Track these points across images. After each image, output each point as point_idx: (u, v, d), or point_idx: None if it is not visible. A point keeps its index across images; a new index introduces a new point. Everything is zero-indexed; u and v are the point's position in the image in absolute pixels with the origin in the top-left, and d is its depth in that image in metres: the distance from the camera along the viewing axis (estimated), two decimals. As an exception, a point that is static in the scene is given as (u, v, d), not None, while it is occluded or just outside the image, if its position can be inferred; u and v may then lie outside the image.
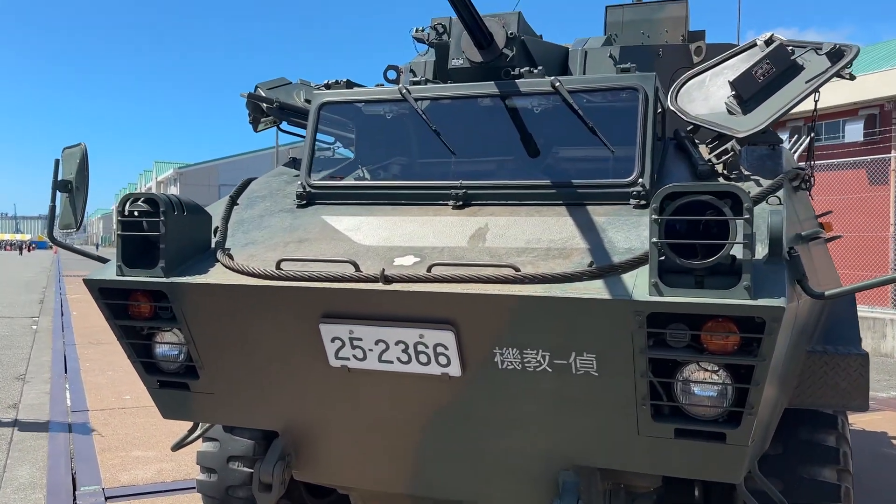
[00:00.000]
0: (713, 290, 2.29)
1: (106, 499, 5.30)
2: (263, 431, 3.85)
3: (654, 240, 2.32)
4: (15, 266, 44.72)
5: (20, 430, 6.95)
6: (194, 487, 4.20)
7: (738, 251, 2.29)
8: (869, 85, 17.65)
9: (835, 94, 21.75)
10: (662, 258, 2.35)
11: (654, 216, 2.32)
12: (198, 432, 3.73)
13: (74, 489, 5.45)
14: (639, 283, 2.42)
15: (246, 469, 3.89)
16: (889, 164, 14.19)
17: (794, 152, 5.59)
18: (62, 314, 16.69)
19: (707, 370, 2.44)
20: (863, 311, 13.05)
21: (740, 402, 2.42)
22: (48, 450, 6.34)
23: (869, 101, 18.61)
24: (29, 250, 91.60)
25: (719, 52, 3.50)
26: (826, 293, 2.45)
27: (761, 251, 2.45)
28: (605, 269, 2.50)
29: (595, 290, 2.45)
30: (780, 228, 2.39)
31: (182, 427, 3.79)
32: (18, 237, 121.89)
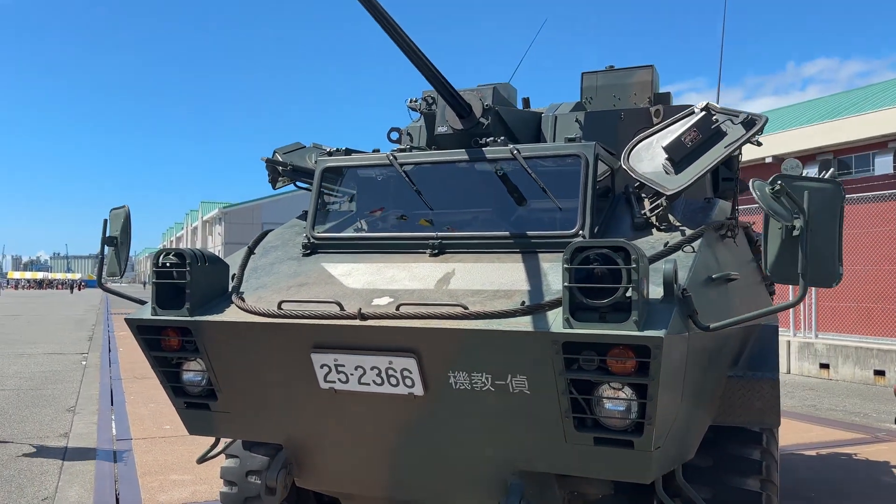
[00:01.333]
0: (611, 324, 2.81)
1: (146, 517, 5.80)
2: (277, 448, 4.39)
3: (566, 284, 2.86)
4: (67, 304, 46.28)
5: (70, 456, 7.50)
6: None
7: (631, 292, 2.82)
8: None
9: (865, 127, 21.92)
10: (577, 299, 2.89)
11: (565, 265, 2.87)
12: (219, 447, 4.30)
13: (118, 508, 5.98)
14: (558, 319, 2.93)
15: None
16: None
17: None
18: (109, 350, 17.34)
19: (615, 389, 2.94)
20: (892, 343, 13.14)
21: (644, 416, 2.93)
22: (95, 473, 6.87)
23: (898, 135, 18.78)
24: (80, 289, 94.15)
25: (675, 114, 4.01)
26: (711, 326, 2.96)
27: (659, 292, 2.97)
28: (534, 307, 3.03)
29: (523, 324, 2.97)
30: (671, 274, 2.90)
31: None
32: (70, 276, 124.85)
